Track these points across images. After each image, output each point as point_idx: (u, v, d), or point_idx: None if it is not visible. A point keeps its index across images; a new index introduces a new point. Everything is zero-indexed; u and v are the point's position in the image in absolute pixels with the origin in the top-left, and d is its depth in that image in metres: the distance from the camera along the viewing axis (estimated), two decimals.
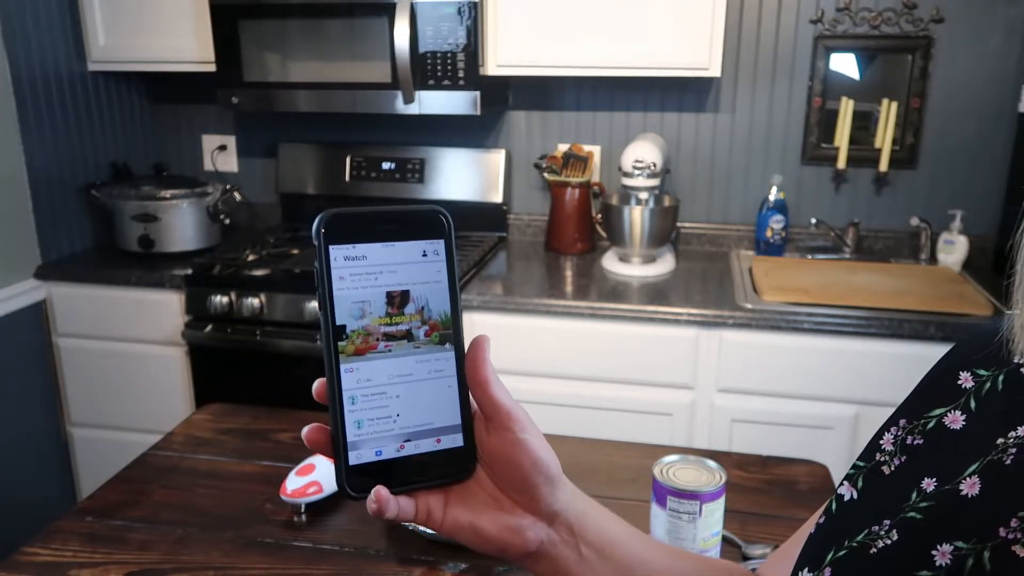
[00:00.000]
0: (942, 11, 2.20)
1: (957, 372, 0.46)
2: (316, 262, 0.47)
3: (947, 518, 0.40)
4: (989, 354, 0.45)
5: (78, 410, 2.35)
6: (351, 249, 0.47)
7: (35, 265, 2.25)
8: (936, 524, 0.40)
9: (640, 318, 1.94)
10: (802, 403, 1.92)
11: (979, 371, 0.45)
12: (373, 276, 0.47)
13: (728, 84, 2.37)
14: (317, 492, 1.10)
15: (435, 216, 0.49)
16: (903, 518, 0.41)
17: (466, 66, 2.07)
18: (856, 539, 0.43)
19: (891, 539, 0.41)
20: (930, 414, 0.46)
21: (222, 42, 2.19)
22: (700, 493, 0.94)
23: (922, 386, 0.48)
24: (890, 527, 0.41)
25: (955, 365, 0.47)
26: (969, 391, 0.45)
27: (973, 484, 0.40)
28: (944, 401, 0.46)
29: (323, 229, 0.46)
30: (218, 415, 1.42)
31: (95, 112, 2.46)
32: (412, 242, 0.48)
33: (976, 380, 0.45)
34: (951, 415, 0.45)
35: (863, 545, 0.42)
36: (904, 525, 0.41)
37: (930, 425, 0.45)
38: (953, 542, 0.38)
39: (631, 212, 2.18)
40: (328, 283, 0.46)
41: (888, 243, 2.37)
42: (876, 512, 0.43)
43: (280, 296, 2.09)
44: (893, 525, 0.41)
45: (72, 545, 1.05)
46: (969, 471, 0.41)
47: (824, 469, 1.25)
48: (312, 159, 2.61)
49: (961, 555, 0.38)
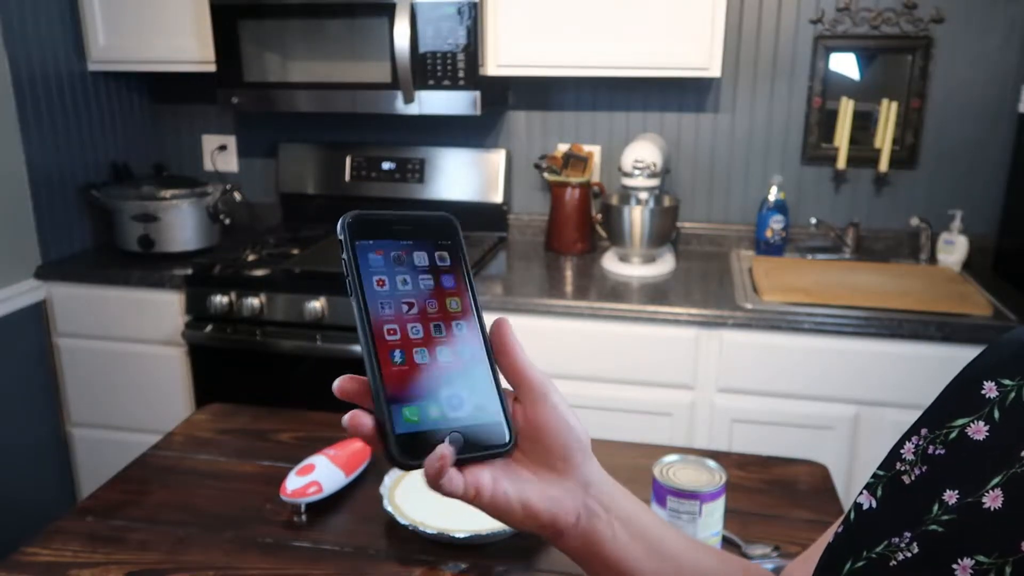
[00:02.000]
0: (942, 11, 2.20)
1: (981, 381, 0.45)
2: (343, 254, 0.50)
3: (969, 532, 0.39)
4: (1014, 363, 0.44)
5: (78, 410, 2.35)
6: (374, 244, 0.51)
7: (35, 265, 2.25)
8: (957, 538, 0.39)
9: (640, 318, 1.94)
10: (802, 403, 1.92)
11: (1003, 381, 0.44)
12: (397, 270, 0.51)
13: (728, 84, 2.37)
14: (317, 492, 1.10)
15: (446, 219, 0.54)
16: (924, 531, 0.41)
17: (466, 66, 2.07)
18: (875, 551, 0.42)
19: (911, 552, 0.41)
20: (952, 424, 0.45)
21: (222, 42, 2.19)
22: (700, 493, 0.94)
23: (945, 394, 0.47)
24: (911, 540, 0.41)
25: (979, 374, 0.46)
26: (993, 401, 0.44)
27: (996, 497, 0.39)
28: (967, 411, 0.45)
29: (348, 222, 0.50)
30: (218, 415, 1.42)
31: (95, 112, 2.46)
32: (427, 240, 0.52)
33: (1000, 390, 0.44)
34: (974, 425, 0.44)
35: (883, 557, 0.42)
36: (925, 538, 0.41)
37: (952, 435, 0.44)
38: (975, 556, 0.38)
39: (631, 212, 2.18)
40: (357, 274, 0.49)
41: (888, 243, 2.37)
42: (896, 523, 0.43)
43: (280, 296, 2.09)
44: (914, 538, 0.41)
45: (72, 545, 1.05)
46: (992, 484, 0.40)
47: (824, 469, 1.25)
48: (312, 159, 2.61)
49: (982, 569, 0.37)
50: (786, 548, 1.05)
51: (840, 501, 1.17)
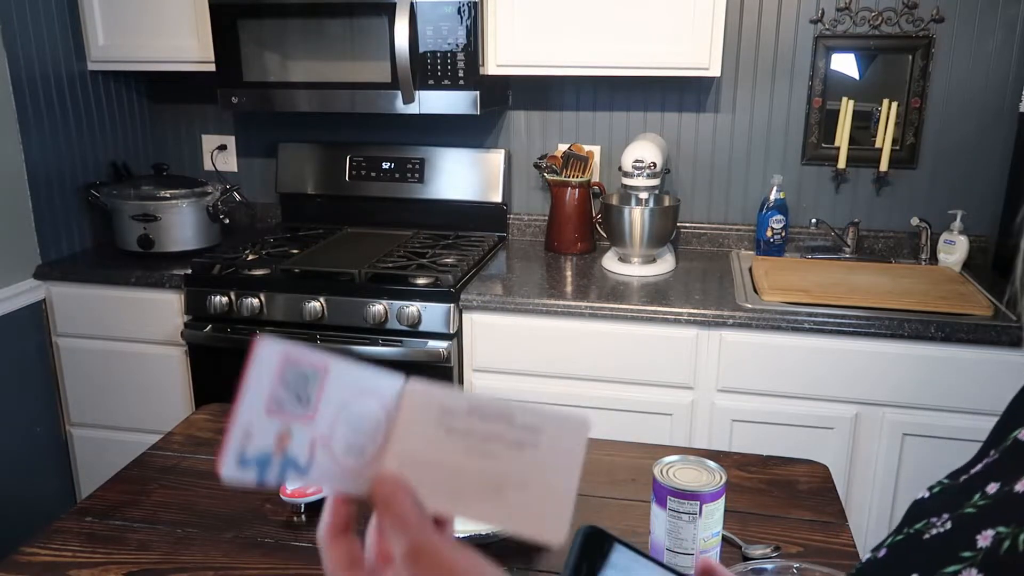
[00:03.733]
0: (942, 11, 2.20)
1: None
2: None
3: (997, 511, 0.41)
4: None
5: (78, 410, 2.35)
6: None
7: (35, 265, 2.25)
8: (986, 515, 0.42)
9: (640, 318, 1.94)
10: (802, 403, 1.92)
11: None
12: None
13: (728, 84, 2.37)
14: (317, 492, 1.10)
15: None
16: (960, 513, 0.43)
17: (466, 66, 2.07)
18: (915, 527, 0.45)
19: (944, 528, 0.43)
20: (1010, 436, 0.47)
21: (222, 42, 2.19)
22: (700, 493, 0.93)
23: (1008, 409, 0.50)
24: (947, 520, 0.44)
25: None
26: None
27: None
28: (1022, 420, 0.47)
29: None
30: (218, 415, 1.42)
31: (95, 112, 2.46)
32: None
33: None
34: None
35: (918, 532, 0.45)
36: (959, 518, 0.43)
37: (1007, 443, 0.47)
38: (996, 528, 0.40)
39: (631, 212, 2.18)
40: None
41: (888, 243, 2.37)
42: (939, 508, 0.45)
43: (280, 296, 2.09)
44: (950, 518, 0.44)
45: (72, 545, 1.04)
46: None
47: (824, 469, 1.25)
48: (312, 159, 2.61)
49: (1000, 538, 0.39)
50: (786, 548, 1.04)
51: (840, 501, 1.17)
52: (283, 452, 0.44)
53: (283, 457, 0.44)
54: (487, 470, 0.46)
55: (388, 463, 0.47)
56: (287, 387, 0.44)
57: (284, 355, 0.45)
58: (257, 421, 0.43)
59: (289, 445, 0.44)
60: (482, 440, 0.46)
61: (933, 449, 1.89)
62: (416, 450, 0.47)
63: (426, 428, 0.47)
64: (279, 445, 0.44)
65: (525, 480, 0.46)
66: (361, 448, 0.47)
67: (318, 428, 0.45)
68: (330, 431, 0.45)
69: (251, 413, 0.43)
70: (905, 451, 1.91)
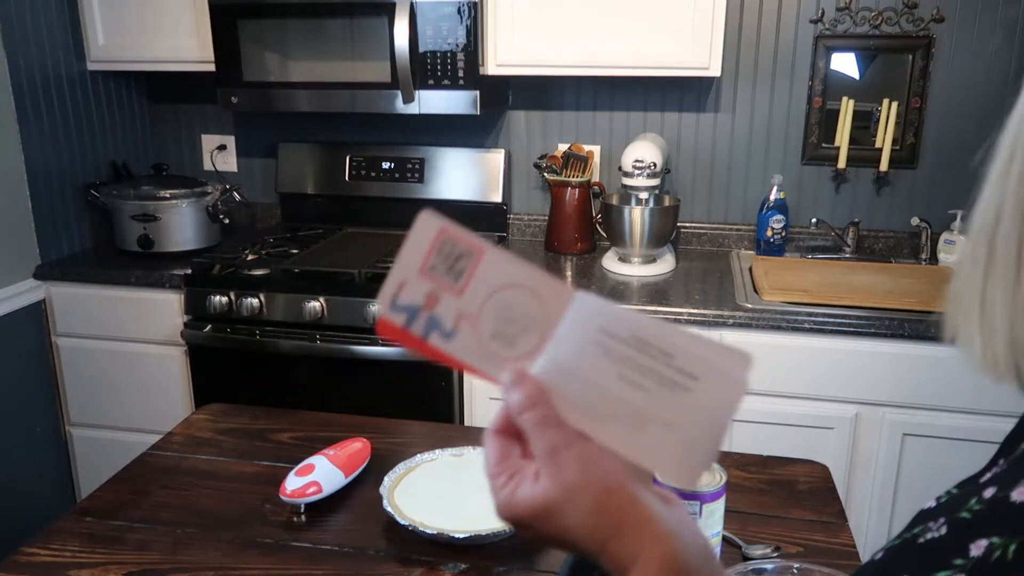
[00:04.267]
0: (942, 11, 2.20)
1: None
2: None
3: (992, 519, 0.42)
4: None
5: (78, 410, 2.35)
6: None
7: (34, 265, 2.24)
8: (981, 522, 0.42)
9: None
10: (802, 403, 1.92)
11: None
12: None
13: (728, 84, 2.37)
14: (317, 492, 1.10)
15: None
16: (956, 517, 0.44)
17: (466, 66, 2.07)
18: (912, 531, 0.46)
19: (940, 533, 0.44)
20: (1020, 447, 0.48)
21: (221, 42, 2.19)
22: (700, 493, 0.93)
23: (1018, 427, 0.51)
24: (943, 524, 0.44)
25: None
26: None
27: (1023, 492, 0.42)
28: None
29: None
30: (218, 415, 1.42)
31: (95, 112, 2.46)
32: None
33: None
34: None
35: (914, 536, 0.45)
36: (954, 523, 0.44)
37: (1016, 454, 0.47)
38: (990, 538, 0.41)
39: (631, 212, 2.18)
40: None
41: (888, 243, 2.37)
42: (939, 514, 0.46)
43: (279, 296, 2.09)
44: (946, 523, 0.44)
45: (71, 545, 1.04)
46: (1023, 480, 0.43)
47: (824, 469, 1.25)
48: (312, 159, 2.61)
49: (992, 548, 0.40)
50: (786, 548, 1.04)
51: (840, 501, 1.17)
52: (431, 311, 0.48)
53: (430, 315, 0.48)
54: (635, 401, 0.47)
55: (538, 364, 0.48)
56: (442, 257, 0.48)
57: (441, 229, 0.48)
58: (412, 277, 0.48)
59: (437, 308, 0.48)
60: (637, 371, 0.47)
61: (933, 449, 1.89)
62: (569, 361, 0.47)
63: (584, 343, 0.47)
64: (428, 303, 0.48)
65: (672, 421, 0.46)
66: (511, 338, 0.48)
67: (467, 305, 0.48)
68: (478, 311, 0.48)
69: (407, 270, 0.48)
70: (905, 451, 1.91)
